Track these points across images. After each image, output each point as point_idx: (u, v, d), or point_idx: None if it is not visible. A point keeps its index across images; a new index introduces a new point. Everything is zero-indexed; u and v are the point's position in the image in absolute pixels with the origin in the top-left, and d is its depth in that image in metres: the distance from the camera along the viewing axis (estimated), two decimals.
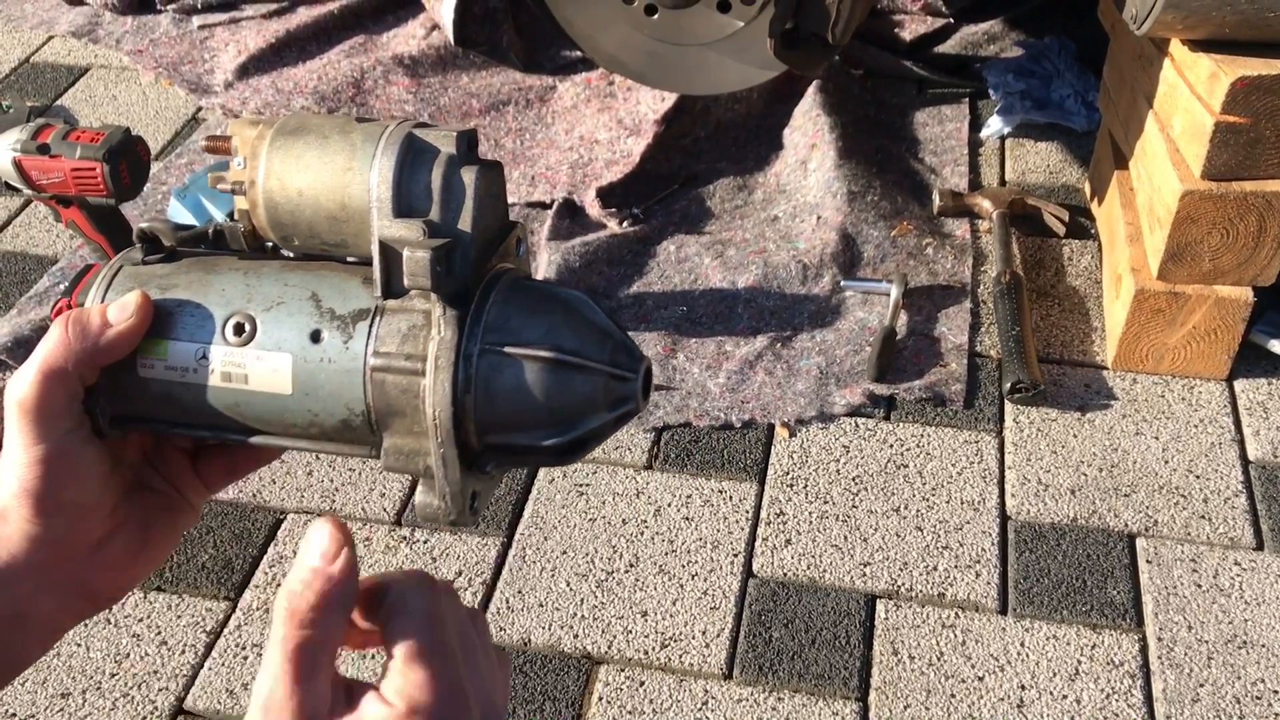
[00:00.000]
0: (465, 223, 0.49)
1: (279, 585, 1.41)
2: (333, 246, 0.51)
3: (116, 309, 0.50)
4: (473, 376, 0.48)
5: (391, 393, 0.48)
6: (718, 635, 1.37)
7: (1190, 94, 1.50)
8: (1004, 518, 1.50)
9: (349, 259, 0.52)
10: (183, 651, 1.36)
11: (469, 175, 0.49)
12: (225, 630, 1.39)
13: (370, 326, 0.49)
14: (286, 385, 0.50)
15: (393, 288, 0.49)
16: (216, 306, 0.50)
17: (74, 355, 0.50)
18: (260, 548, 1.48)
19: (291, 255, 0.54)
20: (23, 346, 1.74)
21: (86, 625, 1.39)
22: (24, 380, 0.49)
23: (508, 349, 0.48)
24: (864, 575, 1.43)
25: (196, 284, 0.51)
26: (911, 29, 2.34)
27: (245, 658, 1.36)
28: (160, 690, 1.33)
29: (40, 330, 1.75)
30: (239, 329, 0.50)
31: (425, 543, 1.48)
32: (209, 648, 1.37)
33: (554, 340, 0.48)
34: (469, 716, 0.46)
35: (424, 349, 0.48)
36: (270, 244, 0.53)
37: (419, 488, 0.50)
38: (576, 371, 0.48)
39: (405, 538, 1.48)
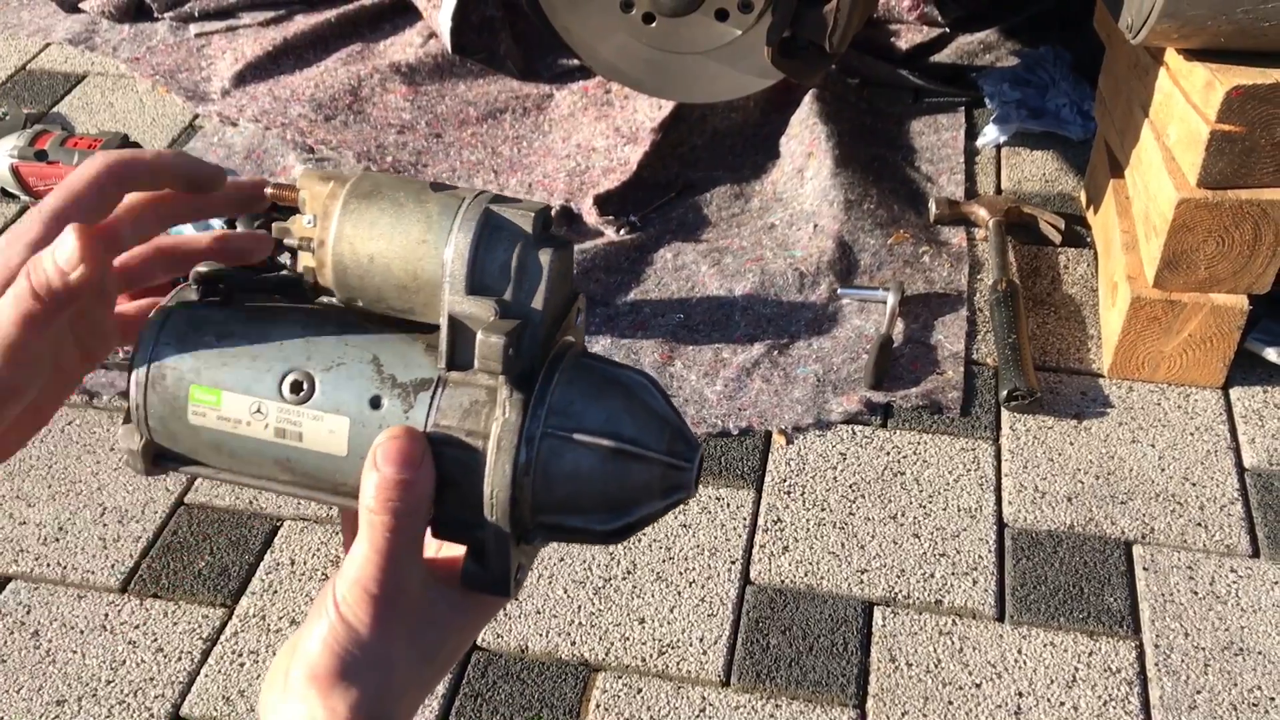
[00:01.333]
0: (537, 303, 0.48)
1: (276, 592, 1.41)
2: (398, 311, 0.51)
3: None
4: (533, 460, 0.48)
5: (449, 466, 0.48)
6: (715, 642, 1.37)
7: (1186, 103, 1.50)
8: (1001, 525, 1.50)
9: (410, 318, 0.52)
10: (179, 658, 1.36)
11: (545, 257, 0.48)
12: (222, 637, 1.38)
13: (432, 397, 0.49)
14: (342, 447, 0.49)
15: (457, 361, 0.48)
16: (275, 360, 0.50)
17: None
18: (257, 554, 1.47)
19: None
20: None
21: (82, 632, 1.39)
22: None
23: (570, 435, 0.48)
24: (861, 582, 1.43)
25: (255, 334, 0.51)
26: (908, 38, 2.35)
27: (242, 664, 1.35)
28: (156, 697, 1.32)
29: None
30: (296, 387, 0.49)
31: None
32: (205, 655, 1.36)
33: (615, 428, 0.48)
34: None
35: (486, 426, 0.48)
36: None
37: (467, 556, 0.50)
38: (635, 461, 0.48)
39: None
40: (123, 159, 0.51)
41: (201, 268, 0.53)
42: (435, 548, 0.54)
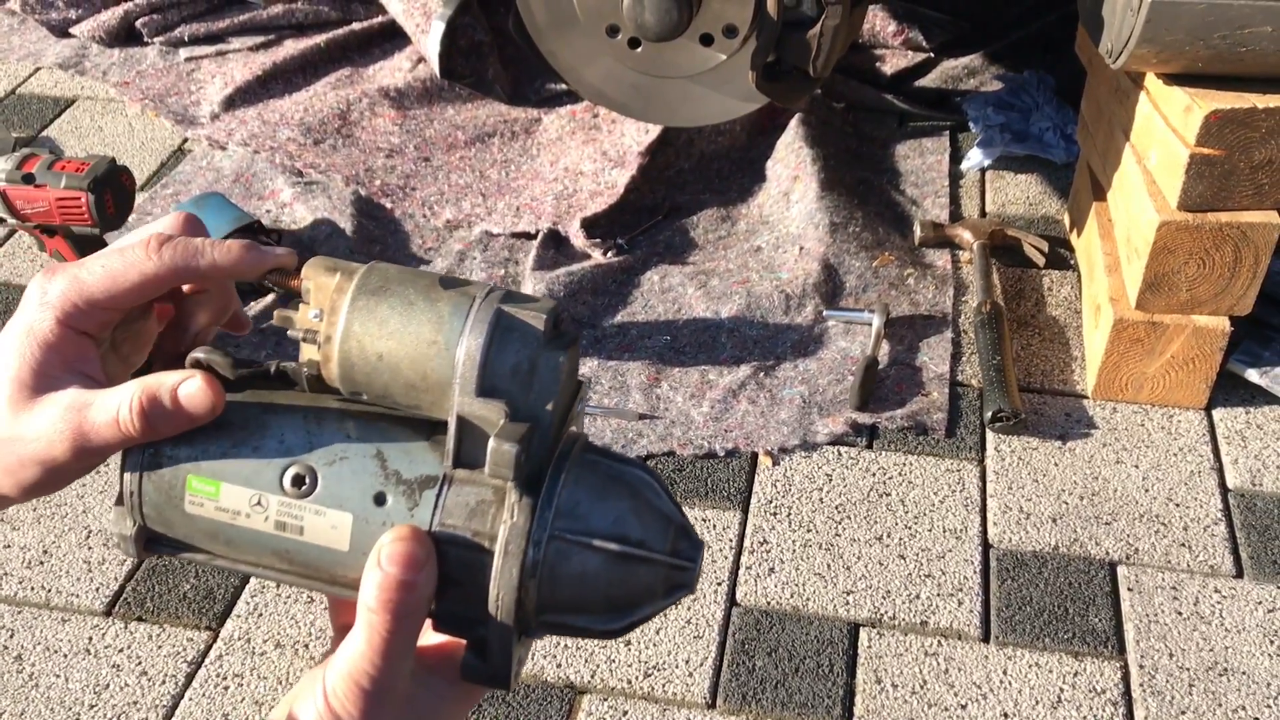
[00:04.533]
0: (548, 404, 0.48)
1: (261, 615, 1.41)
2: (403, 408, 0.50)
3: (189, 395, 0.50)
4: (540, 562, 0.48)
5: (453, 566, 0.48)
6: (701, 664, 1.37)
7: (1166, 126, 1.52)
8: (986, 546, 1.50)
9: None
10: (163, 682, 1.36)
11: (558, 359, 0.48)
12: (206, 660, 1.38)
13: (437, 496, 0.48)
14: (344, 543, 0.49)
15: (463, 459, 0.48)
16: (276, 453, 0.49)
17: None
18: (243, 578, 1.47)
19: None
20: None
21: (66, 656, 1.38)
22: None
23: (577, 538, 0.48)
24: (847, 603, 1.43)
25: (254, 424, 0.50)
26: (892, 63, 2.37)
27: (226, 688, 1.35)
28: None
29: None
30: (298, 480, 0.49)
31: None
32: (190, 678, 1.36)
33: (621, 530, 0.48)
34: None
35: (492, 528, 0.48)
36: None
37: (467, 649, 0.50)
38: (640, 564, 0.49)
39: None
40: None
41: (199, 354, 0.52)
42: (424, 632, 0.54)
